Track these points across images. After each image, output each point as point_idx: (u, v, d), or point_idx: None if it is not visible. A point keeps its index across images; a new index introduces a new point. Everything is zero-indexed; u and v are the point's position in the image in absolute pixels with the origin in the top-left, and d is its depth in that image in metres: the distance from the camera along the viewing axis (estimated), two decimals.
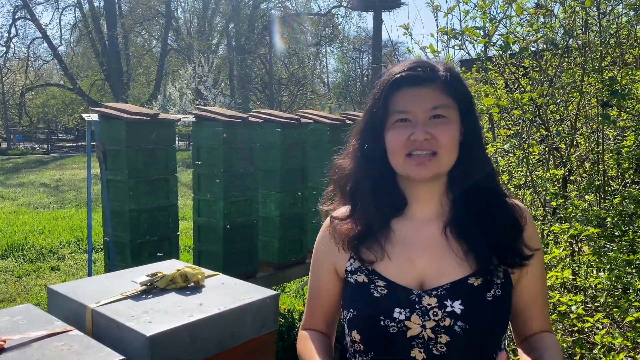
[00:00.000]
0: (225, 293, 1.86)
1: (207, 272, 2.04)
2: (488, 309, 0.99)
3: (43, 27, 28.91)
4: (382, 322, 0.99)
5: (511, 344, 2.27)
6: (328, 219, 1.17)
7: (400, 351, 0.99)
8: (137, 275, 1.96)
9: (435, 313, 0.98)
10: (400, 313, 0.99)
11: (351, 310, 1.04)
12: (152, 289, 1.85)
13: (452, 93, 1.02)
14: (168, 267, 2.09)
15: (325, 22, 31.58)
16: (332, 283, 1.14)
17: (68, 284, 1.93)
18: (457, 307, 0.97)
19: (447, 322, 0.97)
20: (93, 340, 1.49)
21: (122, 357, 1.40)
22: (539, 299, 1.11)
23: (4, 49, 29.70)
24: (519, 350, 1.12)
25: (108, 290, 1.83)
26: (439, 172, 1.02)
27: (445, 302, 0.98)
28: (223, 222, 3.54)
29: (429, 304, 0.99)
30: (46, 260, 6.30)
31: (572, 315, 1.86)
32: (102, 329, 1.64)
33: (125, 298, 1.77)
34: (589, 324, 1.83)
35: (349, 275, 1.09)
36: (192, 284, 1.91)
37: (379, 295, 1.02)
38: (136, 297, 1.79)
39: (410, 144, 1.00)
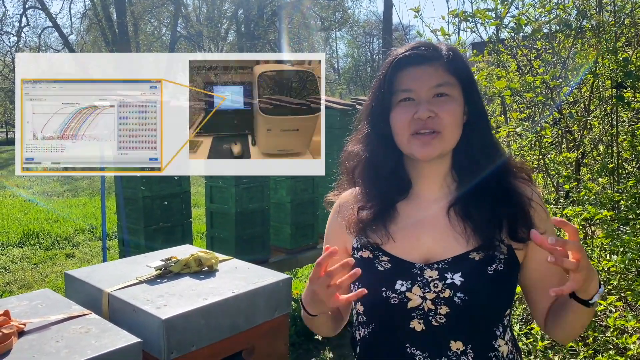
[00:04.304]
0: (238, 277, 1.88)
1: (221, 256, 2.06)
2: (488, 282, 0.99)
3: (53, 16, 28.90)
4: (383, 294, 1.02)
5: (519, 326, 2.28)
6: (338, 200, 1.19)
7: (400, 322, 1.01)
8: (152, 260, 1.99)
9: (435, 285, 1.00)
10: (402, 285, 1.01)
11: (356, 283, 1.06)
12: (167, 273, 1.88)
13: (455, 71, 1.03)
14: (182, 252, 2.11)
15: (334, 6, 31.29)
16: None
17: (84, 269, 1.96)
18: (457, 279, 0.99)
19: (447, 293, 0.99)
20: (110, 324, 1.52)
21: (139, 340, 1.43)
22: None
23: (16, 38, 29.77)
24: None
25: (124, 275, 1.86)
26: (444, 151, 1.04)
27: (446, 274, 1.00)
28: (235, 208, 3.57)
29: (430, 277, 1.01)
30: (61, 248, 6.39)
31: None
32: (119, 313, 1.67)
33: (141, 282, 1.80)
34: (602, 307, 1.82)
35: (355, 252, 1.11)
36: (206, 268, 1.94)
37: (382, 269, 1.05)
38: (151, 281, 1.82)
39: (414, 123, 1.02)
